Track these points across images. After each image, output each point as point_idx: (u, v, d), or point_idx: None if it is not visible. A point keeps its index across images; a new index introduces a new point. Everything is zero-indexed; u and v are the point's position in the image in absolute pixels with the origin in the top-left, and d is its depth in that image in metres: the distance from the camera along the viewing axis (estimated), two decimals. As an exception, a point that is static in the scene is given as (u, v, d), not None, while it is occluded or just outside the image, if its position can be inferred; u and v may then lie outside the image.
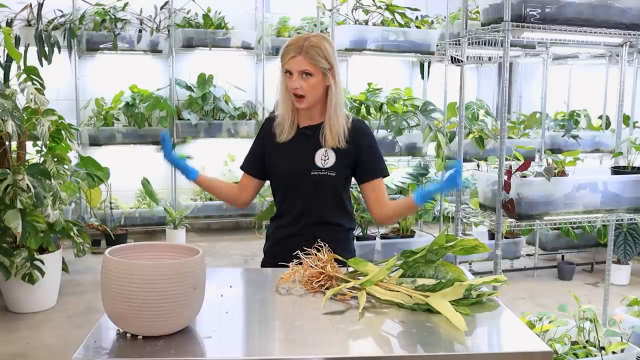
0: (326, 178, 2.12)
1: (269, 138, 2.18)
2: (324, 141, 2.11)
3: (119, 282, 1.28)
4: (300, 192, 2.13)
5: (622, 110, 3.36)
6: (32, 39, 4.91)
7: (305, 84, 2.04)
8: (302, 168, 2.12)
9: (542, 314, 2.67)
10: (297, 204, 2.14)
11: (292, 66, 2.03)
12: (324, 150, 2.12)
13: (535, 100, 5.89)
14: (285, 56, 2.05)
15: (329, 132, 2.10)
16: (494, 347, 1.39)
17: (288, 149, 2.15)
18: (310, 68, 2.02)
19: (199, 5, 5.99)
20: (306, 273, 1.64)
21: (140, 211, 5.88)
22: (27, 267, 3.71)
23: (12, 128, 3.48)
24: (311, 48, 2.02)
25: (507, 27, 2.71)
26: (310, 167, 2.11)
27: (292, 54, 2.03)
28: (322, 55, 2.03)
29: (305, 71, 2.02)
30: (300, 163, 2.13)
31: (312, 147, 2.13)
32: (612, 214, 2.97)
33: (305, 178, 2.11)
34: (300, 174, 2.12)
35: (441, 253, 1.63)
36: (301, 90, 2.04)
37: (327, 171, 2.11)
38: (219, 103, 6.02)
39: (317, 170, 2.11)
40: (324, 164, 2.12)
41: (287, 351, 1.28)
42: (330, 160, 2.12)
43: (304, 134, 2.15)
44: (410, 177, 4.56)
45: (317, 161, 2.12)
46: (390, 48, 4.24)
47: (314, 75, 2.03)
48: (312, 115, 2.14)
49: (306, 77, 2.03)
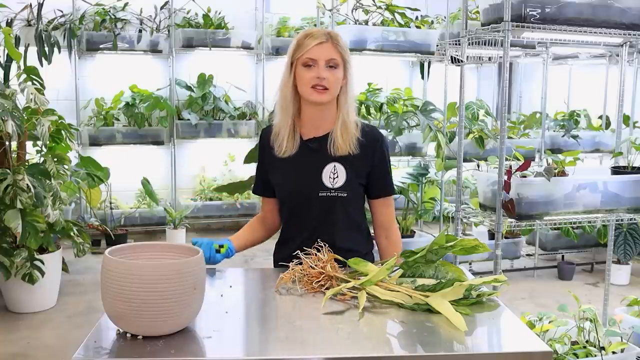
0: (337, 199, 1.90)
1: (268, 152, 1.96)
2: (334, 149, 1.88)
3: (119, 282, 1.28)
4: (307, 216, 1.91)
5: (622, 110, 3.36)
6: (32, 39, 4.91)
7: (332, 75, 1.84)
8: (308, 189, 1.90)
9: (542, 314, 2.67)
10: (304, 229, 1.92)
11: (319, 54, 1.83)
12: (332, 167, 1.89)
13: (535, 100, 5.89)
14: (306, 45, 1.84)
15: (340, 136, 1.88)
16: (494, 347, 1.39)
17: (290, 166, 1.91)
18: (338, 58, 1.85)
19: (199, 5, 5.99)
20: (306, 273, 1.64)
21: (140, 211, 5.88)
22: (27, 267, 3.71)
23: (12, 128, 3.48)
24: (337, 36, 1.87)
25: (507, 27, 2.71)
26: (318, 187, 1.89)
27: (318, 41, 1.83)
28: (345, 46, 1.87)
29: (332, 61, 1.84)
30: (306, 182, 1.90)
31: (318, 163, 1.90)
32: (612, 214, 2.97)
33: (312, 200, 1.90)
34: (306, 196, 1.90)
35: (441, 253, 1.63)
36: (326, 82, 1.83)
37: (338, 191, 1.90)
38: (219, 103, 6.02)
39: (325, 191, 1.89)
40: (333, 183, 1.90)
41: (287, 351, 1.28)
42: (340, 179, 1.89)
43: (308, 147, 1.92)
44: (410, 177, 4.56)
45: (325, 180, 1.90)
46: (390, 48, 4.24)
47: (339, 67, 1.86)
48: (319, 125, 1.92)
49: (332, 68, 1.84)
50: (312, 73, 1.83)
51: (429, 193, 4.82)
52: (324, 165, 1.90)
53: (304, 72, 1.85)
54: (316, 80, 1.83)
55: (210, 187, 6.16)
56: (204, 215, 6.08)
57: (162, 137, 5.93)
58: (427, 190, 4.82)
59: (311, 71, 1.83)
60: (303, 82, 1.85)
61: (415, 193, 4.72)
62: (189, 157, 6.22)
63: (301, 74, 1.85)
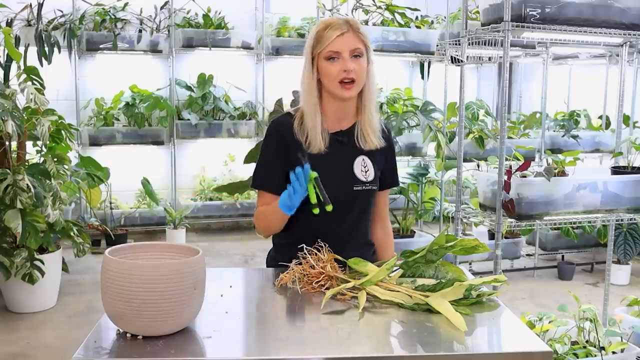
0: (370, 192, 1.87)
1: (293, 146, 1.81)
2: (363, 143, 1.84)
3: (119, 282, 1.28)
4: (341, 211, 1.80)
5: (622, 110, 3.36)
6: (32, 39, 4.91)
7: (358, 66, 1.75)
8: (344, 184, 1.83)
9: (542, 314, 2.67)
10: (340, 226, 1.84)
11: (342, 46, 1.74)
12: (362, 159, 1.86)
13: (535, 100, 5.89)
14: (327, 37, 1.74)
15: (369, 130, 1.83)
16: (494, 347, 1.39)
17: (324, 162, 1.80)
18: (362, 46, 1.76)
19: (199, 5, 5.99)
20: (306, 273, 1.64)
21: (140, 211, 5.88)
22: (27, 267, 3.71)
23: (12, 128, 3.48)
24: (357, 23, 1.78)
25: (507, 27, 2.71)
26: (353, 181, 1.84)
27: (339, 32, 1.74)
28: (367, 33, 1.78)
29: (357, 50, 1.75)
30: (341, 178, 1.83)
31: (349, 157, 1.85)
32: (612, 214, 2.97)
33: (348, 195, 1.84)
34: (343, 191, 1.83)
35: (441, 253, 1.63)
36: (354, 74, 1.74)
37: (371, 184, 1.86)
38: (219, 103, 6.02)
39: (360, 185, 1.85)
40: (366, 177, 1.85)
41: (287, 351, 1.28)
42: (370, 171, 1.86)
43: (338, 141, 1.85)
44: (410, 177, 4.56)
45: (358, 173, 1.85)
46: (390, 48, 4.25)
47: (363, 56, 1.77)
48: (342, 117, 1.86)
49: (357, 58, 1.75)
50: (338, 66, 1.75)
51: (429, 193, 4.82)
52: (354, 159, 1.86)
53: (328, 66, 1.76)
54: (343, 74, 1.74)
55: (210, 187, 6.16)
56: (204, 215, 6.08)
57: (162, 137, 5.93)
58: (427, 190, 4.82)
59: (336, 64, 1.75)
60: (330, 78, 1.77)
61: (415, 193, 4.72)
62: (189, 157, 6.22)
63: (326, 68, 1.76)
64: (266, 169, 1.88)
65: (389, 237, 2.04)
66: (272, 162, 1.86)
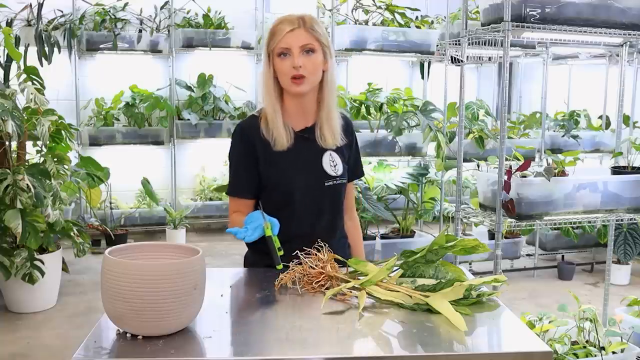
0: (340, 187, 1.89)
1: (261, 147, 1.83)
2: (323, 142, 1.86)
3: (119, 282, 1.28)
4: (314, 208, 1.85)
5: (622, 110, 3.36)
6: (32, 39, 4.91)
7: (309, 62, 1.75)
8: (314, 180, 1.85)
9: (542, 314, 2.67)
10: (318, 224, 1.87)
11: (291, 41, 1.74)
12: (329, 154, 1.87)
13: (535, 100, 5.89)
14: (278, 34, 1.75)
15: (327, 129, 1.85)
16: (494, 347, 1.39)
17: (291, 159, 1.83)
18: (313, 42, 1.76)
19: (199, 5, 5.99)
20: (306, 273, 1.64)
21: (140, 211, 5.88)
22: (27, 267, 3.71)
23: (12, 128, 3.48)
24: (310, 20, 1.78)
25: (507, 27, 2.71)
26: (323, 176, 1.86)
27: (289, 28, 1.74)
28: (321, 30, 1.78)
29: (307, 46, 1.75)
30: (311, 174, 1.85)
31: (316, 154, 1.86)
32: (612, 214, 2.97)
33: (318, 190, 1.86)
34: (312, 187, 1.85)
35: (441, 253, 1.63)
36: (303, 70, 1.74)
37: (340, 179, 1.88)
38: (219, 103, 6.03)
39: (331, 180, 1.86)
40: (335, 171, 1.87)
41: (287, 351, 1.28)
42: (339, 165, 1.88)
43: (303, 138, 1.86)
44: (410, 177, 4.56)
45: (327, 169, 1.86)
46: (390, 48, 4.24)
47: (316, 51, 1.76)
48: (304, 114, 1.86)
49: (308, 54, 1.75)
50: (288, 62, 1.75)
51: (429, 193, 4.82)
52: (321, 155, 1.87)
53: (280, 63, 1.77)
54: (292, 71, 1.75)
55: (210, 187, 6.16)
56: (204, 215, 6.08)
57: (162, 137, 5.93)
58: (427, 190, 4.82)
59: (286, 60, 1.75)
60: (281, 74, 1.78)
61: (415, 193, 4.72)
62: (189, 157, 6.22)
63: (278, 64, 1.77)
64: (243, 176, 1.90)
65: (357, 231, 2.08)
66: (244, 166, 1.88)
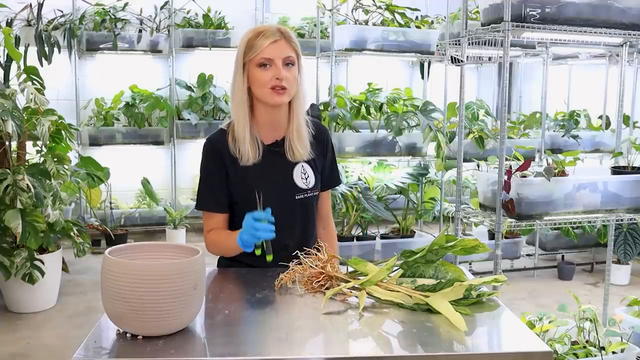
0: (314, 198, 1.87)
1: (230, 163, 1.82)
2: (291, 155, 1.83)
3: (119, 282, 1.28)
4: (284, 222, 1.78)
5: (622, 110, 3.36)
6: (32, 39, 4.91)
7: (290, 74, 1.75)
8: (283, 194, 1.83)
9: (542, 314, 2.67)
10: (288, 236, 1.83)
11: (275, 53, 1.73)
12: (301, 167, 1.85)
13: (535, 100, 5.89)
14: (259, 45, 1.74)
15: (299, 141, 1.83)
16: (494, 347, 1.39)
17: (259, 174, 1.81)
18: (294, 55, 1.76)
19: (199, 5, 5.99)
20: (306, 273, 1.64)
21: (140, 211, 5.88)
22: (27, 267, 3.71)
23: (12, 128, 3.48)
24: (288, 32, 1.78)
25: (507, 27, 2.71)
26: (294, 190, 1.84)
27: (272, 39, 1.73)
28: (297, 42, 1.79)
29: (289, 58, 1.75)
30: (280, 189, 1.83)
31: (287, 167, 1.84)
32: (612, 214, 2.97)
33: (289, 204, 1.83)
34: (283, 202, 1.82)
35: (441, 253, 1.63)
36: (285, 82, 1.74)
37: (312, 191, 1.86)
38: (219, 103, 6.02)
39: (302, 193, 1.84)
40: (307, 184, 1.85)
41: (287, 351, 1.28)
42: (311, 177, 1.86)
43: (273, 152, 1.84)
44: (410, 177, 4.56)
45: (299, 182, 1.84)
46: (390, 48, 4.24)
47: (294, 64, 1.77)
48: (275, 127, 1.84)
49: (288, 66, 1.76)
50: (270, 73, 1.74)
51: (429, 193, 4.82)
52: (292, 167, 1.85)
53: (260, 73, 1.75)
54: (275, 82, 1.74)
55: (210, 187, 6.15)
56: (204, 215, 6.06)
57: (162, 137, 5.92)
58: (427, 190, 4.82)
59: (268, 71, 1.75)
60: (260, 84, 1.76)
61: (415, 193, 4.72)
62: (189, 157, 6.21)
63: (257, 75, 1.76)
64: (210, 191, 1.87)
65: (331, 237, 2.04)
66: (214, 181, 1.87)
